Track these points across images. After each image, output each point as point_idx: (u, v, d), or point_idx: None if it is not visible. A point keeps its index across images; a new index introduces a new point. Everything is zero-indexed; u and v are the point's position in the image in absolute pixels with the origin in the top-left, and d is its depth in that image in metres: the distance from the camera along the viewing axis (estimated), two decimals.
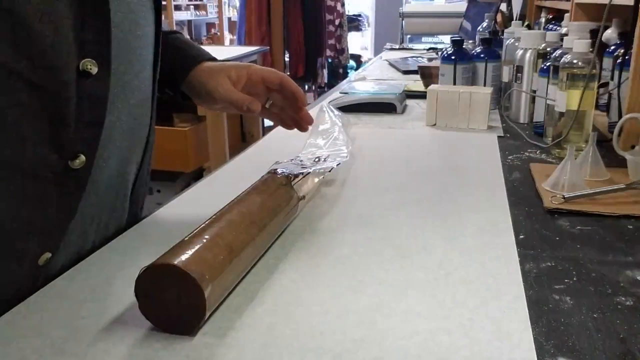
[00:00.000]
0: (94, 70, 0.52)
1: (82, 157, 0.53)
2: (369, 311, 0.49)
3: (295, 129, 0.80)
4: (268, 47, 4.04)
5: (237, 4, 5.04)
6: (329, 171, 0.77)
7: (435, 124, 1.21)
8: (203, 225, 0.53)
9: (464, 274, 0.56)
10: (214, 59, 0.76)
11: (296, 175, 0.70)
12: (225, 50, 3.28)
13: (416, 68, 1.79)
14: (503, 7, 2.38)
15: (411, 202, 0.76)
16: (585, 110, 0.94)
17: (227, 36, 6.34)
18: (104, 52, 0.53)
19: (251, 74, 0.73)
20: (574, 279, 0.56)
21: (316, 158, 0.80)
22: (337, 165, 0.78)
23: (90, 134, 0.54)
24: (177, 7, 6.34)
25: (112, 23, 0.53)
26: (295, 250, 0.61)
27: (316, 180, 0.76)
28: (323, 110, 1.01)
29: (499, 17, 2.30)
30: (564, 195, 0.75)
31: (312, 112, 1.05)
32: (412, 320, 0.48)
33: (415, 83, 1.66)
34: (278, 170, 0.70)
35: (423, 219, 0.70)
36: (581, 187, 0.78)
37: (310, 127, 0.80)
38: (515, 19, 1.92)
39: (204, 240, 0.49)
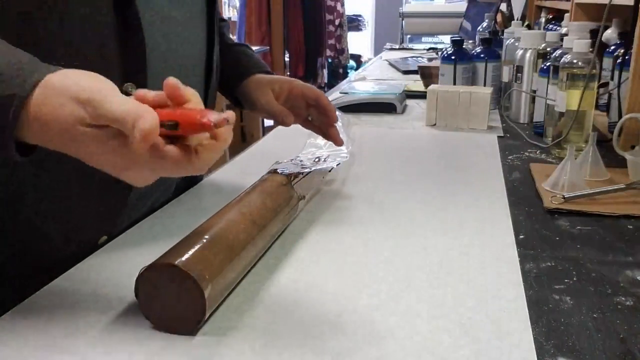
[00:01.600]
0: (133, 92, 0.57)
1: None
2: (369, 311, 0.49)
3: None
4: (268, 47, 4.05)
5: (237, 4, 5.04)
6: (329, 171, 0.77)
7: (435, 124, 1.21)
8: (203, 225, 0.53)
9: (464, 274, 0.56)
10: (269, 72, 0.83)
11: (296, 175, 0.70)
12: None
13: (416, 68, 1.79)
14: (503, 7, 2.38)
15: (411, 202, 0.76)
16: (585, 110, 0.94)
17: None
18: (141, 77, 0.60)
19: (292, 89, 0.79)
20: (574, 279, 0.56)
21: (316, 158, 0.80)
22: (337, 165, 0.78)
23: None
24: None
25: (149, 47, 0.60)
26: (295, 250, 0.61)
27: (316, 180, 0.76)
28: None
29: (499, 17, 2.30)
30: (564, 195, 0.75)
31: None
32: (412, 320, 0.48)
33: (415, 83, 1.66)
34: (278, 170, 0.70)
35: (423, 219, 0.70)
36: (581, 187, 0.78)
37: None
38: (517, 20, 1.92)
39: (204, 240, 0.49)
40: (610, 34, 1.33)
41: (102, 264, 0.58)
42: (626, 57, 1.03)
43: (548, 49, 1.18)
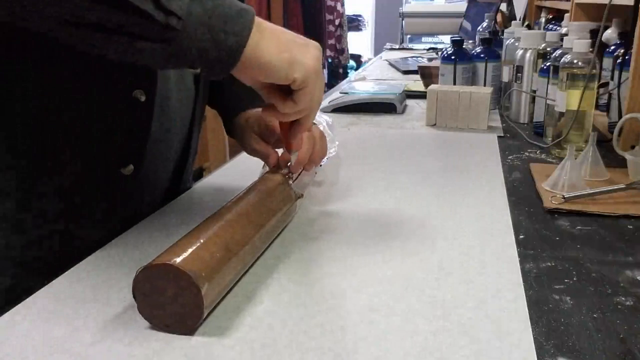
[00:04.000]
0: (142, 98, 0.63)
1: (131, 166, 0.65)
2: (369, 311, 0.49)
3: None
4: None
5: None
6: (320, 165, 0.77)
7: (435, 124, 1.21)
8: (200, 225, 0.53)
9: (464, 274, 0.56)
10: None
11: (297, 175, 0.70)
12: None
13: (416, 68, 1.79)
14: (503, 7, 2.38)
15: (411, 202, 0.76)
16: (585, 110, 0.94)
17: None
18: (151, 85, 0.64)
19: (262, 120, 0.74)
20: (574, 279, 0.56)
21: None
22: (326, 159, 0.78)
23: (137, 148, 0.65)
24: None
25: None
26: (294, 249, 0.61)
27: (306, 179, 0.75)
28: None
29: (499, 17, 2.30)
30: (563, 195, 0.75)
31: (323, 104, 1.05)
32: (412, 320, 0.48)
33: (415, 83, 1.66)
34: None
35: (423, 219, 0.70)
36: (581, 187, 0.78)
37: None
38: (519, 20, 1.92)
39: (201, 240, 0.49)
40: (610, 34, 1.33)
41: (102, 264, 0.58)
42: (626, 57, 1.03)
43: (548, 49, 1.18)
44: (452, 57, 1.34)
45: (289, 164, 0.71)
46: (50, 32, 0.46)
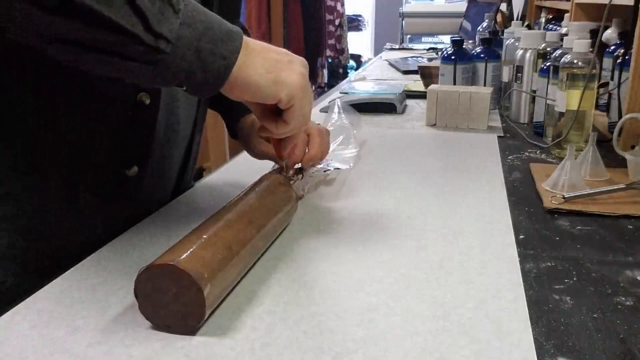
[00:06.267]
0: (147, 101, 0.64)
1: (135, 168, 0.66)
2: (369, 311, 0.49)
3: None
4: None
5: None
6: (324, 172, 0.77)
7: (435, 124, 1.21)
8: (202, 225, 0.53)
9: (464, 274, 0.56)
10: None
11: (296, 173, 0.70)
12: None
13: (416, 68, 1.79)
14: (503, 7, 2.38)
15: (411, 202, 0.76)
16: (585, 110, 0.94)
17: None
18: (156, 88, 0.64)
19: None
20: (574, 279, 0.56)
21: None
22: (334, 169, 0.78)
23: (142, 150, 0.66)
24: None
25: None
26: (294, 249, 0.61)
27: (310, 181, 0.75)
28: (333, 109, 1.00)
29: (499, 17, 2.30)
30: (563, 195, 0.75)
31: (323, 104, 1.05)
32: (412, 320, 0.48)
33: (415, 83, 1.66)
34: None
35: (423, 219, 0.70)
36: (581, 187, 0.78)
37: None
38: (517, 19, 1.92)
39: (202, 240, 0.49)
40: (610, 34, 1.33)
41: (102, 264, 0.58)
42: (626, 57, 1.03)
43: (548, 49, 1.18)
44: (452, 57, 1.34)
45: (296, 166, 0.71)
46: (39, 48, 0.46)
